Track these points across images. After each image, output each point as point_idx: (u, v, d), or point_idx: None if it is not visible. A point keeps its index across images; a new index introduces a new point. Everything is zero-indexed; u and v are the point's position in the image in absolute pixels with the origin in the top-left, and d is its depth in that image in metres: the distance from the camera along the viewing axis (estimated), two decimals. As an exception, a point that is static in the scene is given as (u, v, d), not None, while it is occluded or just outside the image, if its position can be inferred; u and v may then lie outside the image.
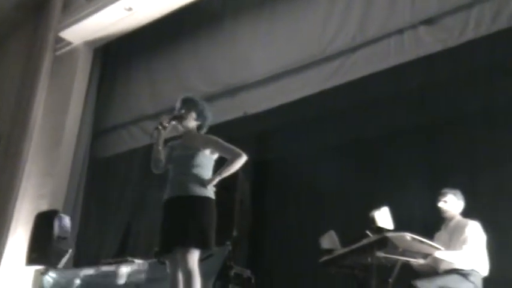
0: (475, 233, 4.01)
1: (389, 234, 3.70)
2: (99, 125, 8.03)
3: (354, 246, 3.90)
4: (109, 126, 7.93)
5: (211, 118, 3.85)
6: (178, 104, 3.81)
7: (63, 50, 8.26)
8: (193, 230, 3.36)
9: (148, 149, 7.18)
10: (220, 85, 6.66)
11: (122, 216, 7.13)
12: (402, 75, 5.26)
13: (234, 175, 5.00)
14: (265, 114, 6.13)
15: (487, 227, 4.03)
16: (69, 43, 8.18)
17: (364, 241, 3.82)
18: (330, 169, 5.42)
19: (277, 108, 6.02)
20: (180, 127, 3.76)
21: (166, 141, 3.78)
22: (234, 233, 4.51)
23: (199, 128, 3.79)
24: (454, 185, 4.29)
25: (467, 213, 4.21)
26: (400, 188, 4.95)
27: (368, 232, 3.85)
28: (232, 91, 6.58)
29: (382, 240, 3.69)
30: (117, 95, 7.94)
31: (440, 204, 4.26)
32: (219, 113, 6.56)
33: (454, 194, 4.24)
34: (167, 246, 3.42)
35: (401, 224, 3.91)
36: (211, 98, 6.73)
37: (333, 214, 5.19)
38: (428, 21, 5.20)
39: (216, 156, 3.69)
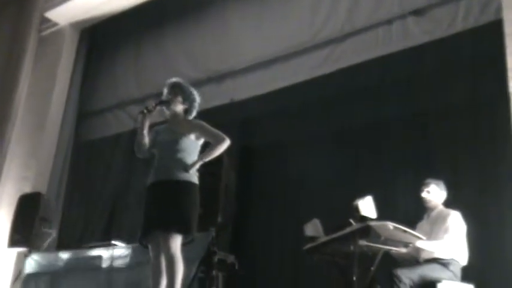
0: (456, 223, 4.06)
1: (372, 223, 3.73)
2: (85, 107, 7.98)
3: (337, 234, 3.93)
4: (95, 109, 7.89)
5: (199, 103, 3.83)
6: (165, 89, 3.79)
7: (49, 31, 8.16)
8: (175, 215, 3.37)
9: (134, 134, 7.34)
10: (208, 71, 6.64)
11: (106, 200, 7.12)
12: (390, 65, 5.30)
13: (219, 161, 5.02)
14: (252, 101, 6.15)
15: (469, 217, 4.11)
16: (55, 24, 8.08)
17: (347, 229, 3.85)
18: (316, 157, 5.45)
19: (264, 95, 6.04)
20: (166, 112, 3.75)
21: (152, 125, 3.77)
22: (219, 219, 4.52)
23: (186, 112, 3.78)
24: (437, 175, 4.35)
25: (449, 203, 4.27)
26: (385, 178, 5.01)
27: (351, 220, 3.88)
28: (220, 77, 6.57)
29: (365, 228, 3.72)
30: (104, 78, 7.89)
31: (423, 194, 4.30)
32: (206, 99, 6.58)
33: (437, 185, 4.29)
34: (149, 230, 3.43)
35: (384, 213, 3.95)
36: (198, 84, 6.70)
37: (317, 202, 5.22)
38: (417, 12, 5.24)
39: (201, 141, 3.69)
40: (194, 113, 3.82)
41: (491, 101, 4.72)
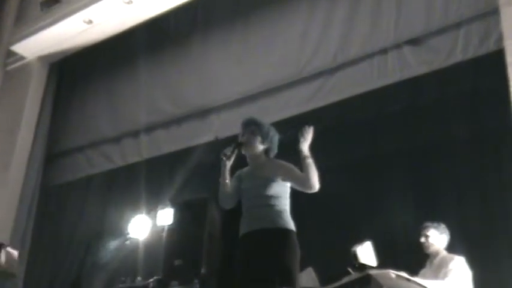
0: (459, 268, 4.07)
1: (372, 272, 3.71)
2: (53, 148, 7.94)
3: (334, 285, 3.88)
4: (64, 149, 7.86)
5: (278, 140, 3.68)
6: (240, 129, 3.70)
7: (15, 65, 8.20)
8: (280, 267, 3.24)
9: (108, 175, 7.30)
10: (188, 106, 6.67)
11: (76, 252, 7.00)
12: (386, 98, 5.37)
13: (203, 205, 4.99)
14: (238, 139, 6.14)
15: (474, 256, 4.13)
16: (22, 57, 8.13)
17: (345, 279, 3.82)
18: (307, 196, 5.43)
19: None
20: (246, 154, 3.63)
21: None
22: (203, 270, 4.47)
23: (266, 152, 3.66)
24: (439, 215, 4.37)
25: (454, 239, 4.28)
26: (382, 219, 4.99)
27: (349, 269, 3.85)
28: (203, 113, 6.59)
29: (365, 278, 3.69)
30: (74, 115, 7.88)
31: (422, 240, 4.31)
32: (188, 137, 6.60)
33: (437, 228, 4.30)
34: (250, 284, 3.28)
35: (385, 258, 3.95)
36: (178, 121, 6.78)
37: (312, 246, 5.17)
38: (414, 42, 5.35)
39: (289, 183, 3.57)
40: (275, 152, 3.69)
41: (495, 134, 4.78)
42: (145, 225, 5.84)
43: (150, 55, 7.23)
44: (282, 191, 3.47)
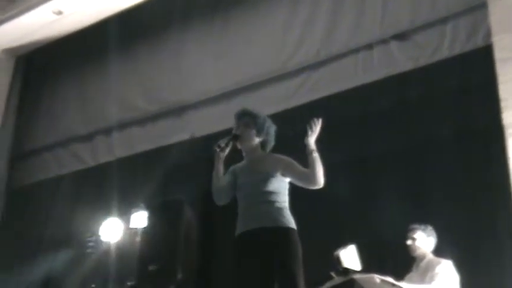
0: (446, 272, 4.04)
1: (356, 276, 3.70)
2: (20, 147, 7.84)
3: (316, 290, 3.84)
4: (32, 148, 7.76)
5: (276, 131, 3.59)
6: (234, 121, 3.60)
7: (-22, 59, 8.05)
8: (286, 267, 3.15)
9: (78, 175, 7.24)
10: (164, 103, 6.61)
11: (44, 257, 6.85)
12: (372, 94, 5.33)
13: (179, 207, 4.91)
14: (216, 137, 6.05)
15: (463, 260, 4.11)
16: (-15, 50, 7.99)
17: (328, 284, 3.81)
18: (289, 197, 5.39)
19: (229, 130, 5.94)
20: (241, 148, 3.52)
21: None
22: (179, 276, 4.37)
23: (263, 145, 3.55)
24: (426, 215, 4.37)
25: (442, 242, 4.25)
26: (367, 221, 4.95)
27: (332, 274, 3.83)
28: (178, 110, 6.53)
29: (349, 283, 3.69)
30: (43, 112, 7.78)
31: (409, 242, 4.27)
32: (163, 135, 6.56)
33: (424, 230, 4.27)
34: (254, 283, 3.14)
35: (369, 264, 3.91)
36: (153, 118, 6.72)
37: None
38: (400, 37, 5.33)
39: (289, 179, 3.46)
40: (272, 145, 3.59)
41: (483, 132, 4.77)
42: (117, 228, 5.79)
43: (123, 49, 7.13)
44: (281, 187, 3.37)
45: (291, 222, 3.27)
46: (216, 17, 6.52)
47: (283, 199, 3.35)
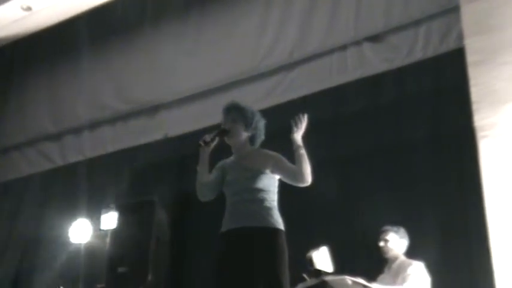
0: (417, 274, 4.09)
1: (328, 278, 3.71)
2: (-14, 145, 7.70)
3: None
4: (-1, 147, 7.64)
5: (264, 126, 3.48)
6: (222, 115, 3.48)
7: None
8: (271, 271, 3.06)
9: (47, 175, 7.17)
10: (136, 102, 6.57)
11: (10, 261, 6.86)
12: (345, 96, 5.38)
13: (151, 208, 4.88)
14: (189, 137, 6.05)
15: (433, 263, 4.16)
16: (-49, 47, 7.84)
17: (300, 286, 3.80)
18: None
19: (202, 131, 5.94)
20: (230, 143, 3.42)
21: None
22: (149, 278, 4.37)
23: (251, 141, 3.46)
24: (397, 218, 4.40)
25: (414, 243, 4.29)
26: (338, 223, 5.01)
27: (305, 275, 3.83)
28: (151, 110, 6.50)
29: (321, 285, 3.70)
30: (10, 110, 7.71)
31: (381, 244, 4.30)
32: (135, 135, 6.52)
33: (396, 232, 4.31)
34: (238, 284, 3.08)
35: (342, 265, 3.93)
36: (125, 117, 6.68)
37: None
38: (374, 38, 5.38)
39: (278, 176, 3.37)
40: (261, 139, 3.48)
41: (456, 134, 4.83)
42: (86, 229, 5.73)
43: (94, 46, 7.06)
44: (270, 184, 3.28)
45: (279, 223, 3.19)
46: (191, 15, 6.49)
47: (272, 197, 3.27)
